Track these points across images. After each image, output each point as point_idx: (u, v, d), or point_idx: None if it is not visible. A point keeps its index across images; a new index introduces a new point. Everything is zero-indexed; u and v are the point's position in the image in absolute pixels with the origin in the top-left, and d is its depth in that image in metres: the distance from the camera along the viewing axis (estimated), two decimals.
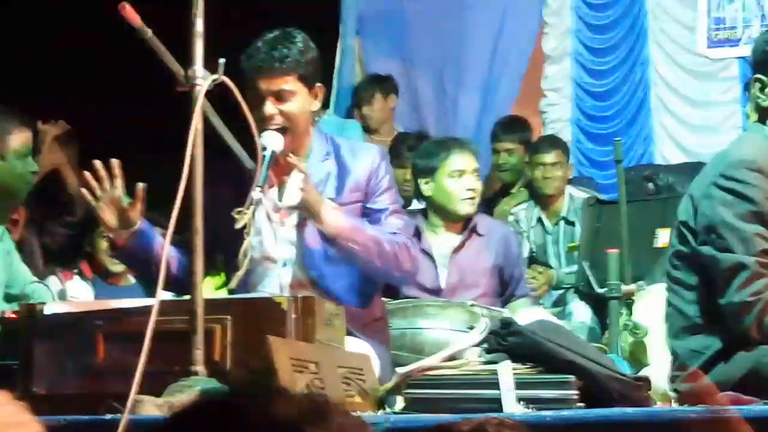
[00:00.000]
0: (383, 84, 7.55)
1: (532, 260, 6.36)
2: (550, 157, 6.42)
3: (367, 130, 7.50)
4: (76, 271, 5.63)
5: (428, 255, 5.08)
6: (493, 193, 7.06)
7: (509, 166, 6.92)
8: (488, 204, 6.89)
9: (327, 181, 3.74)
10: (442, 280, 5.09)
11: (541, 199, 6.49)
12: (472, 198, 5.09)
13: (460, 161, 5.12)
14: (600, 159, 7.82)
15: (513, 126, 7.00)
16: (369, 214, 3.75)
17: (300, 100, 3.69)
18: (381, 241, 3.67)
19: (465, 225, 5.17)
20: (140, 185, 3.40)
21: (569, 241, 6.36)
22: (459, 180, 5.09)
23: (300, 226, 3.72)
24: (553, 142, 6.72)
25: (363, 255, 3.64)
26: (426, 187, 5.16)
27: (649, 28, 7.91)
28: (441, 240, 5.17)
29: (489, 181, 7.01)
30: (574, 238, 6.29)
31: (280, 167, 3.64)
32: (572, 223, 6.39)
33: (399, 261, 3.70)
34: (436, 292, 5.03)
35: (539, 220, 6.49)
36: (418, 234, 5.04)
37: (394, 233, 3.73)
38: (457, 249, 5.13)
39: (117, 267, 5.58)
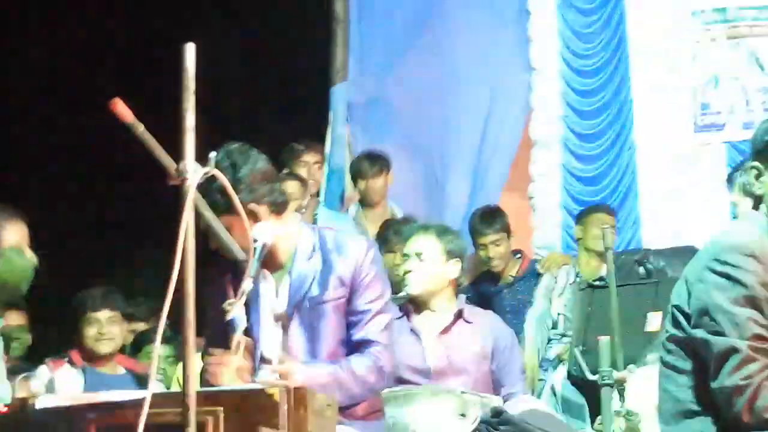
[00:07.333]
0: (384, 160, 7.57)
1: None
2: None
3: (367, 204, 7.50)
4: (66, 359, 5.59)
5: (416, 334, 5.23)
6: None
7: (499, 256, 6.99)
8: (477, 289, 6.95)
9: (312, 278, 3.78)
10: (430, 360, 5.16)
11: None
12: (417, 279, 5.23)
13: (417, 244, 5.29)
14: None
15: (493, 217, 7.07)
16: (352, 314, 3.80)
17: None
18: (356, 377, 3.74)
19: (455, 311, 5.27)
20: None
21: None
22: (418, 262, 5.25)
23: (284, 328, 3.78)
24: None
25: (344, 393, 3.70)
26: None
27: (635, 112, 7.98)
28: (428, 320, 5.24)
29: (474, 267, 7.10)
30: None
31: (271, 261, 3.74)
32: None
33: (377, 380, 3.79)
34: (425, 372, 5.13)
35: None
36: (407, 313, 5.27)
37: (369, 342, 3.78)
38: (444, 331, 5.21)
39: (104, 347, 5.55)
